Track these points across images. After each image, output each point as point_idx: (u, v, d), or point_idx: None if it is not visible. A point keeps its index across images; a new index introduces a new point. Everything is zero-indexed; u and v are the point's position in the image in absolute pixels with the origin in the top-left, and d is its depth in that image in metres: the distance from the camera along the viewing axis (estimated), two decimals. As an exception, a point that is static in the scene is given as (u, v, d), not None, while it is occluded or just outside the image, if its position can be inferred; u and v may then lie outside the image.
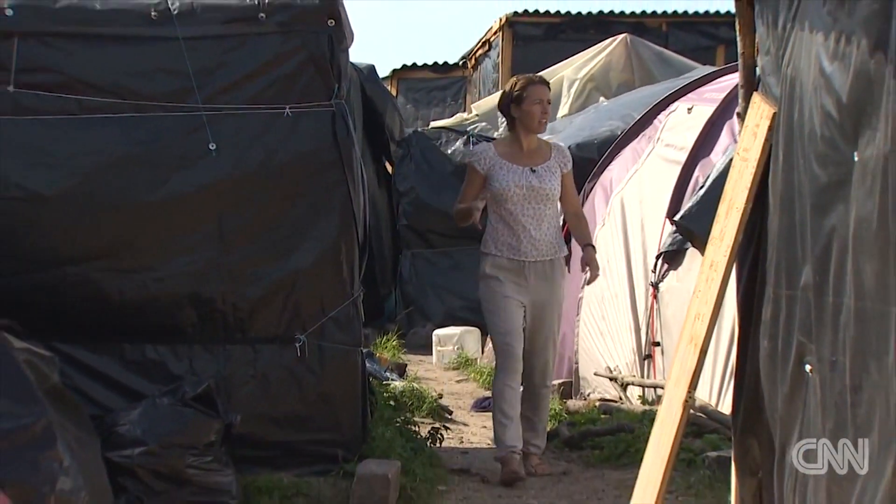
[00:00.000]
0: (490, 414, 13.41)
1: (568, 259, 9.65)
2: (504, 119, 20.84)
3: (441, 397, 13.09)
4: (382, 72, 22.34)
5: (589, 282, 9.57)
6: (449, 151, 19.10)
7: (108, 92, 8.93)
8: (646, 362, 12.47)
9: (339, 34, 9.30)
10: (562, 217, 10.13)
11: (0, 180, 8.72)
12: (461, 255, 17.83)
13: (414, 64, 29.08)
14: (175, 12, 9.04)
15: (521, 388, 9.52)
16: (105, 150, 8.82)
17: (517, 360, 9.14)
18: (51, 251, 8.74)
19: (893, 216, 4.99)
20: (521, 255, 8.83)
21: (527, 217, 8.80)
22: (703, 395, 9.96)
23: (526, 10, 25.47)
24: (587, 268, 9.33)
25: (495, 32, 26.29)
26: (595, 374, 13.46)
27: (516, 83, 9.43)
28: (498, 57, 25.72)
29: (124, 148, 8.85)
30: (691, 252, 10.33)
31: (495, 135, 20.13)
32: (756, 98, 6.58)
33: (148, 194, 8.79)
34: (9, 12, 8.81)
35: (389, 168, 19.73)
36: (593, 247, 9.30)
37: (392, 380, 13.35)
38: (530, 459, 9.60)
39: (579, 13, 24.94)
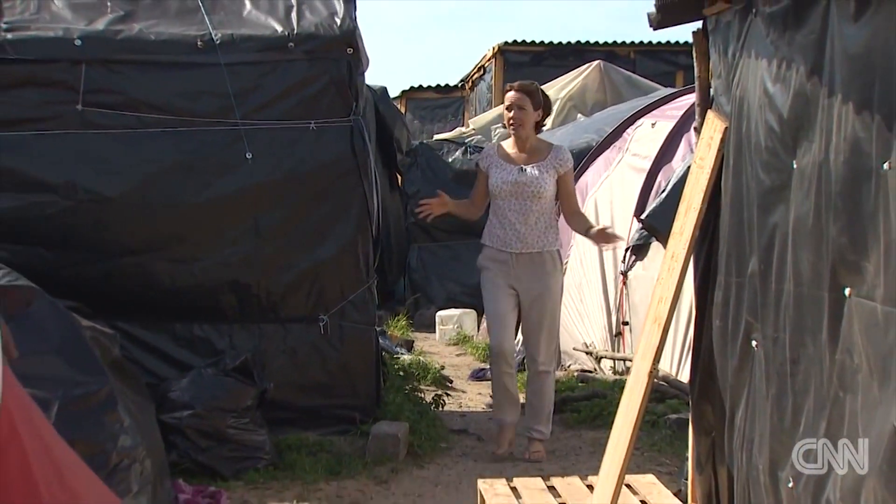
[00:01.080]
0: (484, 382, 13.50)
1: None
2: (497, 131, 20.93)
3: (443, 368, 13.12)
4: (393, 92, 22.33)
5: (608, 242, 9.32)
6: (450, 160, 19.22)
7: (162, 110, 8.97)
8: (616, 339, 12.49)
9: (357, 61, 9.37)
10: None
11: (71, 185, 8.78)
12: (460, 247, 17.89)
13: (420, 86, 29.10)
14: (218, 42, 9.09)
15: (528, 372, 9.26)
16: (159, 159, 8.86)
17: (502, 342, 8.82)
18: (113, 244, 8.79)
19: (826, 215, 5.01)
20: (508, 246, 8.49)
21: (513, 212, 8.44)
22: (665, 366, 9.98)
23: (515, 41, 25.45)
24: (606, 243, 9.39)
25: (489, 59, 26.25)
26: (574, 348, 13.48)
27: (507, 90, 9.04)
28: (491, 80, 25.68)
29: (175, 157, 8.90)
30: (655, 245, 10.34)
31: (489, 144, 20.21)
32: (710, 115, 6.60)
33: (195, 196, 8.84)
34: (77, 42, 8.85)
35: (399, 176, 19.74)
36: (593, 226, 8.96)
37: (401, 354, 13.36)
38: (532, 445, 9.07)
39: (560, 43, 24.94)
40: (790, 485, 5.32)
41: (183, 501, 7.64)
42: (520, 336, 10.14)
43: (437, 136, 21.44)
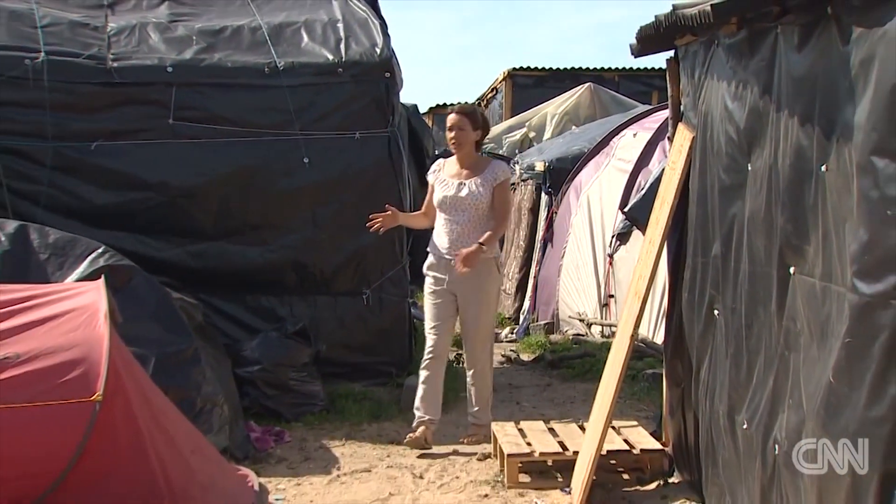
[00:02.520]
0: (497, 344, 13.41)
1: (497, 260, 7.97)
2: (507, 140, 20.80)
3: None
4: (422, 108, 22.24)
5: (456, 266, 7.50)
6: None
7: (236, 123, 9.01)
8: (604, 308, 12.48)
9: (393, 82, 9.40)
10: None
11: (164, 184, 8.83)
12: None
13: (444, 103, 28.99)
14: (281, 68, 9.13)
15: (467, 365, 8.20)
16: (234, 162, 8.90)
17: (437, 346, 7.83)
18: (197, 232, 8.84)
19: (775, 208, 5.01)
20: (443, 253, 7.67)
21: (450, 222, 7.65)
22: (644, 331, 9.96)
23: (522, 67, 25.36)
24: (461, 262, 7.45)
25: (500, 81, 26.18)
26: (570, 316, 13.46)
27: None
28: (502, 98, 25.63)
29: (247, 162, 8.93)
30: (636, 233, 10.31)
31: (500, 152, 20.08)
32: (681, 126, 6.60)
33: (263, 193, 8.88)
34: (169, 69, 8.91)
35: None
36: (481, 245, 7.41)
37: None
38: (470, 429, 7.98)
39: (558, 69, 24.84)
40: (744, 426, 5.35)
41: (254, 439, 7.68)
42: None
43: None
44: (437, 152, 18.38)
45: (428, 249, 7.83)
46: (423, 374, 7.87)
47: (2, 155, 8.68)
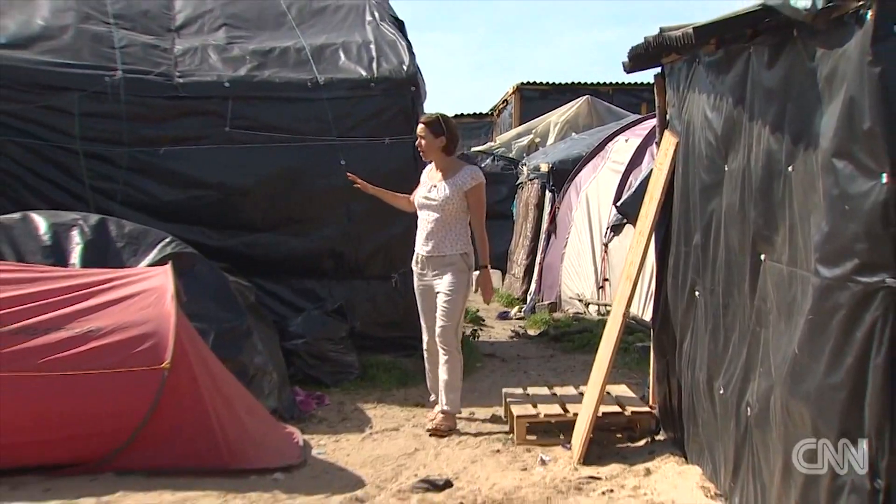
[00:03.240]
0: (507, 321, 13.46)
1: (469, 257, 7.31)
2: (516, 145, 20.73)
3: (478, 311, 13.11)
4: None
5: (486, 300, 7.54)
6: (482, 164, 18.91)
7: (283, 130, 9.00)
8: (600, 290, 12.48)
9: (418, 95, 9.40)
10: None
11: (221, 183, 8.85)
12: (488, 229, 17.59)
13: (463, 113, 29.06)
14: (322, 83, 9.14)
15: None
16: (281, 164, 8.90)
17: (428, 344, 7.45)
18: (250, 223, 8.85)
19: (748, 203, 5.01)
20: (420, 249, 7.26)
21: (424, 220, 7.25)
22: (635, 309, 9.95)
23: (529, 81, 25.33)
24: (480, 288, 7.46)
25: (510, 94, 26.14)
26: (570, 297, 13.47)
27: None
28: (512, 109, 25.61)
29: (291, 163, 8.93)
30: (628, 225, 10.32)
31: (510, 155, 20.10)
32: (666, 133, 6.59)
33: (305, 191, 8.88)
34: (226, 84, 8.92)
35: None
36: (486, 267, 7.34)
37: None
38: (436, 415, 7.31)
39: (560, 83, 24.80)
40: (721, 392, 5.36)
41: (299, 402, 7.70)
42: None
43: (473, 149, 21.39)
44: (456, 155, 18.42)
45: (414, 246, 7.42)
46: (427, 366, 7.57)
47: (86, 158, 8.70)
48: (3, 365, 5.72)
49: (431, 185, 7.22)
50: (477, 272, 7.48)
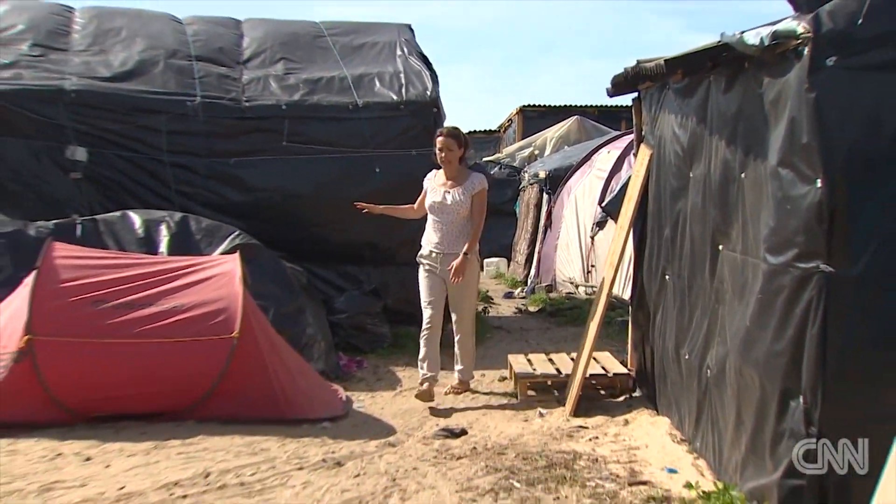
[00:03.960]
0: (512, 300, 13.44)
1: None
2: (519, 155, 20.56)
3: (488, 291, 13.09)
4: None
5: (452, 278, 6.71)
6: (492, 171, 18.70)
7: (329, 145, 8.98)
8: (588, 275, 12.44)
9: (439, 115, 9.37)
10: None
11: (280, 187, 8.84)
12: (494, 226, 17.28)
13: (475, 130, 29.06)
14: (360, 106, 9.12)
15: (454, 333, 7.12)
16: (328, 172, 8.85)
17: (433, 319, 6.92)
18: (303, 221, 8.81)
19: (708, 204, 5.01)
20: (433, 247, 6.85)
21: (437, 222, 6.86)
22: (616, 290, 9.92)
23: (529, 104, 25.24)
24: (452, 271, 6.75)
25: (514, 114, 26.02)
26: (563, 280, 13.42)
27: (437, 135, 7.02)
28: (516, 126, 25.49)
29: (337, 171, 8.89)
30: (610, 221, 10.29)
31: (514, 164, 20.01)
32: (642, 146, 6.57)
33: (348, 193, 8.79)
34: (284, 107, 8.92)
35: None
36: (465, 255, 6.68)
37: None
38: (457, 383, 7.07)
39: (555, 105, 24.64)
40: (686, 357, 5.35)
41: (342, 365, 7.71)
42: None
43: (484, 159, 21.30)
44: (469, 164, 18.33)
45: (422, 242, 7.02)
46: (423, 341, 6.94)
47: (172, 168, 8.75)
48: (108, 334, 5.78)
49: (444, 191, 6.82)
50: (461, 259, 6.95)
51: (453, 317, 6.94)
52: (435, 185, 6.94)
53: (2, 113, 8.39)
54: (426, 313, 6.93)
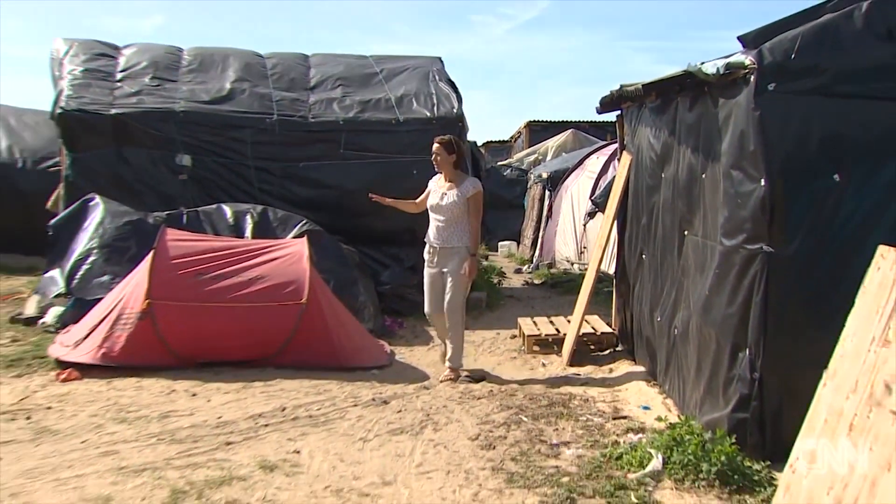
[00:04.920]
0: (521, 274, 13.39)
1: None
2: (526, 160, 20.28)
3: (501, 268, 12.94)
4: (480, 143, 22.28)
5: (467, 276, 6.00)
6: (504, 173, 18.49)
7: (377, 152, 8.91)
8: (581, 254, 12.36)
9: (463, 128, 9.30)
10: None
11: (338, 185, 8.83)
12: (507, 216, 17.08)
13: (491, 140, 28.91)
14: (401, 121, 9.10)
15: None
16: (376, 174, 8.71)
17: (433, 308, 6.07)
18: (355, 212, 8.65)
19: (676, 198, 5.01)
20: (432, 241, 6.10)
21: (436, 220, 6.13)
22: (604, 267, 9.90)
23: (535, 120, 24.97)
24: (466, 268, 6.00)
25: (522, 128, 25.79)
26: (561, 259, 13.33)
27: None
28: (524, 137, 25.25)
29: (383, 173, 8.76)
30: (599, 213, 10.24)
31: (522, 167, 19.83)
32: (624, 153, 6.54)
33: (391, 190, 8.65)
34: (341, 122, 8.93)
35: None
36: (473, 255, 6.03)
37: (484, 261, 13.19)
38: (445, 371, 6.05)
39: (555, 121, 24.25)
40: (658, 319, 5.39)
41: (387, 325, 7.70)
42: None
43: (499, 163, 21.17)
44: (487, 167, 18.10)
45: (425, 240, 6.23)
46: (432, 323, 6.28)
47: (255, 170, 8.78)
48: (207, 298, 5.86)
49: (442, 193, 6.14)
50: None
51: (445, 307, 6.00)
52: (435, 187, 6.31)
53: (129, 129, 8.50)
54: (427, 304, 6.13)
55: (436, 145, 6.25)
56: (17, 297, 8.53)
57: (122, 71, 9.35)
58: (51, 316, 7.02)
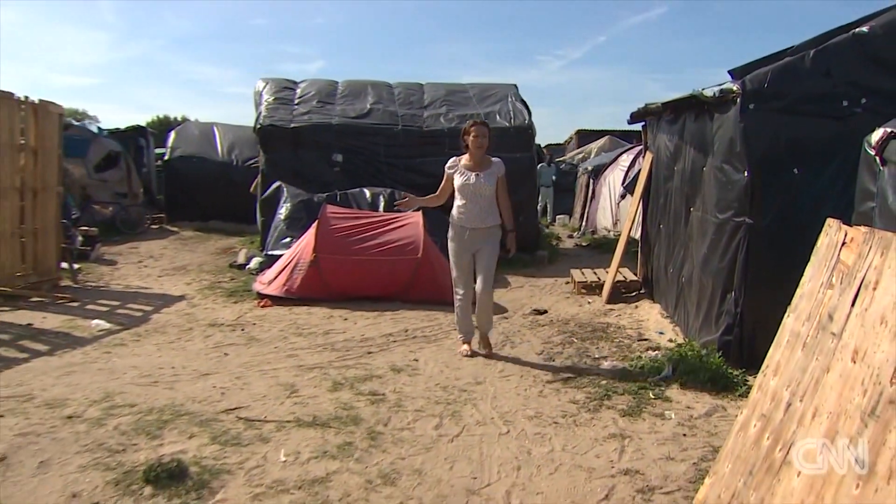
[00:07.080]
0: (572, 239, 13.13)
1: (503, 227, 4.71)
2: (576, 157, 19.72)
3: (558, 235, 12.43)
4: (543, 144, 21.96)
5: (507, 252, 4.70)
6: (561, 167, 17.53)
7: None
8: (615, 225, 12.12)
9: (533, 135, 9.22)
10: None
11: (443, 176, 8.88)
12: (563, 197, 15.35)
13: (550, 143, 28.19)
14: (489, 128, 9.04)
15: (477, 293, 4.55)
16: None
17: (465, 287, 4.57)
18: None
19: (685, 185, 4.96)
20: (463, 222, 4.58)
21: (467, 202, 4.59)
22: (632, 234, 9.72)
23: (582, 128, 24.42)
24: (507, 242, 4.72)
25: (573, 134, 25.18)
26: (601, 228, 13.00)
27: (468, 125, 4.83)
28: (574, 142, 24.52)
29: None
30: (629, 195, 10.03)
31: (573, 162, 19.27)
32: (647, 152, 6.44)
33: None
34: (446, 130, 8.88)
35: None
36: (513, 231, 4.74)
37: (546, 228, 13.02)
38: (482, 339, 4.68)
39: (597, 129, 23.29)
40: (671, 271, 5.35)
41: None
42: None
43: (557, 159, 20.69)
44: (545, 161, 17.48)
45: (451, 220, 4.74)
46: (458, 311, 4.68)
47: (386, 164, 8.81)
48: (355, 253, 5.99)
49: (472, 175, 4.69)
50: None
51: (478, 277, 4.60)
52: (462, 170, 4.77)
53: (302, 137, 8.80)
54: (458, 290, 4.69)
55: (482, 128, 4.75)
56: (232, 250, 9.10)
57: (298, 98, 9.65)
58: (253, 263, 7.54)
